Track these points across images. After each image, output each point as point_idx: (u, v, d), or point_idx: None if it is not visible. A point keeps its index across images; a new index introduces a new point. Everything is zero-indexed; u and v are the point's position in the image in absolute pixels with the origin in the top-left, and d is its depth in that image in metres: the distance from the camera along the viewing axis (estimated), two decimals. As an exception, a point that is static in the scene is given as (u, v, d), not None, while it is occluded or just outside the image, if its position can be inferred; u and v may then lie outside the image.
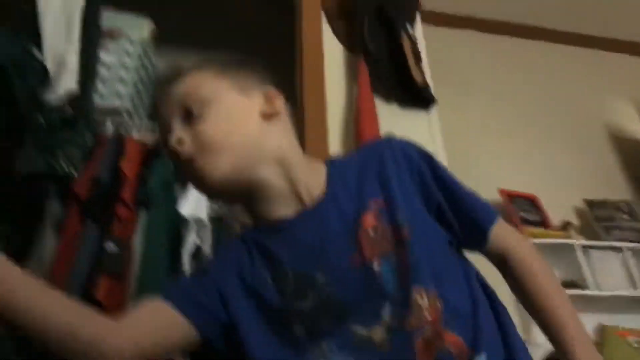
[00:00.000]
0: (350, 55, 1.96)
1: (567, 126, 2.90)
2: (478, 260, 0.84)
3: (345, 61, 1.98)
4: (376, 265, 0.73)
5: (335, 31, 2.03)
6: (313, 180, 0.82)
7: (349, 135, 1.81)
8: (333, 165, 0.86)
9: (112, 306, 1.61)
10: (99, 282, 1.62)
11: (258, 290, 0.77)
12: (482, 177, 1.02)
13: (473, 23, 3.09)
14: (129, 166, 1.88)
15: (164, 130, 0.83)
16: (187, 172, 0.81)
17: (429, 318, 0.70)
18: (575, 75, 3.14)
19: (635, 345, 2.09)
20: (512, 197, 2.46)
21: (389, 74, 1.89)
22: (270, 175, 0.81)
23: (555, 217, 2.49)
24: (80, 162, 1.81)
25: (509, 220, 2.08)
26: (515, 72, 2.79)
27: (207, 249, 1.82)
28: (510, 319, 0.79)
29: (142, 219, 1.81)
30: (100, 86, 2.10)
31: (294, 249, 0.77)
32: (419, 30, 2.08)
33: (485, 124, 2.61)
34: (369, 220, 0.76)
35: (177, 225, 1.85)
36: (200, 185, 0.81)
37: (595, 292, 2.17)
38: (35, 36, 1.84)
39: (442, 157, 1.49)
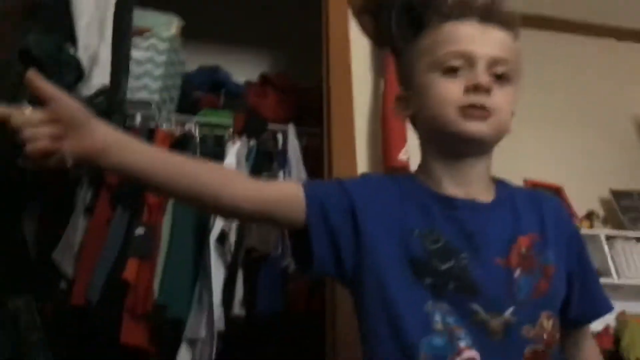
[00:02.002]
0: (377, 50, 1.96)
1: (594, 117, 2.86)
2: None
3: (372, 56, 1.99)
4: (517, 274, 0.81)
5: (362, 26, 2.05)
6: (489, 182, 0.92)
7: (376, 129, 1.83)
8: (502, 183, 0.94)
9: (140, 286, 1.71)
10: (128, 264, 1.70)
11: (402, 234, 0.83)
12: (508, 166, 1.05)
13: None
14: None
15: (462, 53, 0.84)
16: (459, 115, 0.83)
17: (547, 340, 0.79)
18: (603, 67, 3.09)
19: (656, 332, 2.09)
20: (536, 187, 2.46)
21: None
22: (486, 162, 0.90)
23: (581, 207, 2.47)
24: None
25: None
26: (543, 63, 2.76)
27: (232, 234, 1.89)
28: None
29: (170, 204, 1.89)
30: (130, 81, 2.18)
31: (453, 225, 0.84)
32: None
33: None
34: (524, 241, 0.84)
35: (204, 210, 1.92)
36: (468, 133, 0.83)
37: (619, 281, 2.16)
38: (70, 34, 1.94)
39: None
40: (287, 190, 0.88)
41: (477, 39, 0.85)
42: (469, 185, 0.88)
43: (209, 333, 1.72)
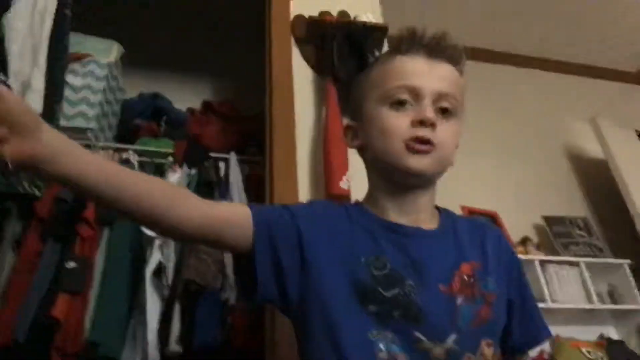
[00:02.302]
0: (319, 78, 1.99)
1: (527, 146, 3.00)
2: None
3: (314, 84, 2.00)
4: (459, 301, 0.82)
5: (305, 55, 2.07)
6: (433, 210, 0.94)
7: (318, 157, 1.83)
8: (445, 212, 0.96)
9: (70, 323, 1.63)
10: (57, 299, 1.63)
11: (349, 261, 0.83)
12: (445, 193, 1.07)
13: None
14: (92, 186, 1.90)
15: (409, 87, 0.86)
16: (404, 148, 0.84)
17: None
18: (535, 97, 3.25)
19: (589, 355, 2.16)
20: (473, 214, 2.54)
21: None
22: (431, 193, 0.92)
23: (516, 233, 2.56)
24: (43, 182, 1.82)
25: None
26: (478, 93, 2.85)
27: (170, 266, 1.84)
28: None
29: (105, 237, 1.83)
30: (66, 107, 2.12)
31: (399, 251, 0.84)
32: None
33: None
34: (466, 269, 0.85)
35: (141, 243, 1.87)
36: (412, 167, 0.85)
37: (553, 305, 2.23)
38: (0, 60, 1.86)
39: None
40: (236, 211, 0.87)
41: (424, 74, 0.87)
42: (414, 214, 0.89)
43: (144, 371, 1.65)
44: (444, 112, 0.87)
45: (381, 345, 0.77)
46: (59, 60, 2.02)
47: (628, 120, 3.05)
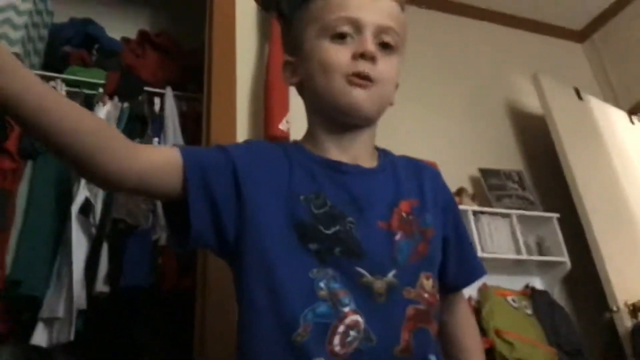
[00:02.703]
0: (263, 15, 1.90)
1: (467, 97, 3.00)
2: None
3: (257, 18, 1.92)
4: (398, 237, 0.82)
5: (248, -11, 1.96)
6: (372, 150, 0.94)
7: (258, 97, 1.78)
8: (384, 152, 0.96)
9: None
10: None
11: (287, 199, 0.82)
12: (382, 142, 1.06)
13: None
14: (13, 115, 1.77)
15: (350, 19, 0.85)
16: (345, 82, 0.83)
17: (428, 299, 0.82)
18: (480, 49, 3.24)
19: (513, 304, 2.26)
20: (412, 163, 2.55)
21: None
22: (371, 132, 0.92)
23: (452, 183, 2.58)
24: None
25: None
26: (420, 41, 2.81)
27: (98, 203, 1.75)
28: None
29: (28, 170, 1.72)
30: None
31: (339, 188, 0.84)
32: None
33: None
34: (405, 206, 0.86)
35: (66, 178, 1.78)
36: (352, 102, 0.84)
37: (483, 255, 2.29)
38: None
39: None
40: (163, 155, 0.81)
41: (366, 7, 0.86)
42: (353, 152, 0.89)
43: (68, 311, 1.59)
44: (385, 47, 0.86)
45: (321, 284, 0.76)
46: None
47: (569, 78, 3.10)
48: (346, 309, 0.75)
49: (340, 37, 0.85)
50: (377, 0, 0.87)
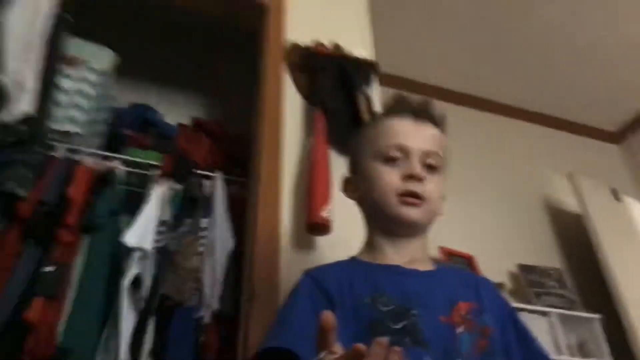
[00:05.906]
0: (309, 107, 2.01)
1: (506, 193, 3.05)
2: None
3: (303, 112, 2.02)
4: (459, 330, 0.87)
5: (296, 83, 2.09)
6: (427, 255, 1.02)
7: (301, 184, 1.84)
8: (437, 262, 1.04)
9: (43, 327, 1.60)
10: (33, 303, 1.60)
11: (353, 305, 0.87)
12: None
13: (426, 89, 3.26)
14: (76, 191, 1.89)
15: (399, 146, 0.97)
16: (397, 200, 0.94)
17: None
18: (517, 146, 3.33)
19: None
20: (450, 255, 2.57)
21: (344, 128, 1.96)
22: (424, 238, 1.01)
23: (490, 278, 2.58)
24: (29, 183, 1.81)
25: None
26: (463, 139, 2.91)
27: (147, 279, 1.82)
28: None
29: (85, 244, 1.81)
30: (56, 110, 2.11)
31: (400, 288, 0.90)
32: (376, 91, 2.18)
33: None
34: (464, 307, 0.91)
35: (120, 253, 1.85)
36: (404, 217, 0.94)
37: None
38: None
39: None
40: None
41: (413, 134, 0.99)
42: (409, 255, 0.97)
43: (114, 383, 1.62)
44: (430, 168, 0.98)
45: None
46: (52, 61, 2.03)
47: (604, 178, 3.13)
48: None
49: (392, 160, 0.97)
50: (421, 128, 1.00)
